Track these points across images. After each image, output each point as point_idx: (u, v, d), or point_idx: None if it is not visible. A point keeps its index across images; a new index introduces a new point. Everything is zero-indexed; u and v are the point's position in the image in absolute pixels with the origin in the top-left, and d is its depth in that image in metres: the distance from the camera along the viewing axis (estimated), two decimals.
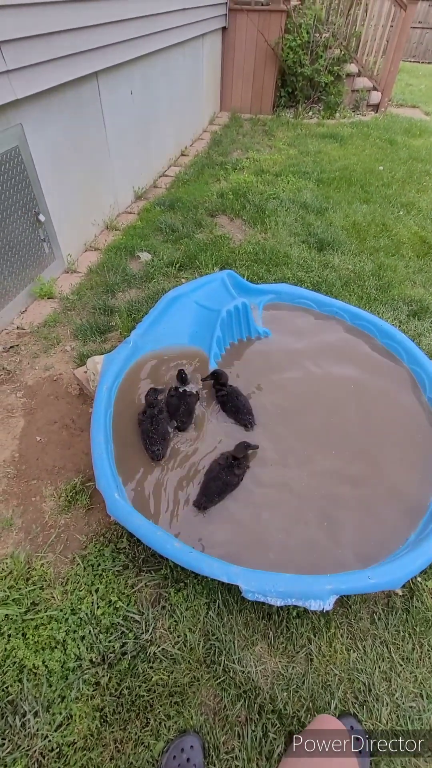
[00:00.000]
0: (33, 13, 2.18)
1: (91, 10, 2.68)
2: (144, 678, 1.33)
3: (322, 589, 1.25)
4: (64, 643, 1.38)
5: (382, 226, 3.71)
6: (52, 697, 1.28)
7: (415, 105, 7.47)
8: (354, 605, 1.50)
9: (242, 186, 4.18)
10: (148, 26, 3.52)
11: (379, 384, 2.15)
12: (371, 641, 1.43)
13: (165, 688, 1.31)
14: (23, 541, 1.65)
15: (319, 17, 5.65)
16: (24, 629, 1.40)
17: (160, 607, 1.48)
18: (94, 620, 1.43)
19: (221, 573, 1.29)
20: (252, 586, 1.26)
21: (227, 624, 1.44)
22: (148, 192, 4.20)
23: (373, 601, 1.52)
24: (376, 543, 1.55)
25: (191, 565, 1.33)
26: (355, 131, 5.76)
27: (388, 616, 1.48)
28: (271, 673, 1.36)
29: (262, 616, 1.47)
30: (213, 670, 1.35)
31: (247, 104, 6.35)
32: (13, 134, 2.31)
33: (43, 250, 2.79)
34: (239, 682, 1.33)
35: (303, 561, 1.49)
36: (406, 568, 1.34)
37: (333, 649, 1.41)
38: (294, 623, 1.45)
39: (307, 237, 3.50)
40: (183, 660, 1.36)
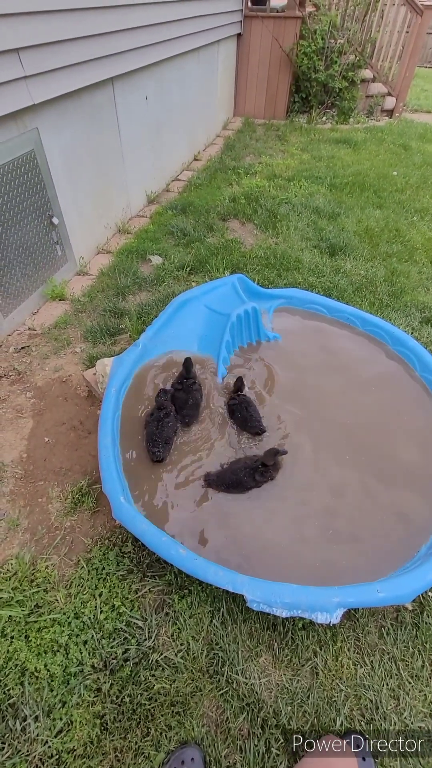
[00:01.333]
0: (50, 20, 2.21)
1: (107, 17, 2.71)
2: (146, 686, 1.31)
3: (329, 602, 1.22)
4: (66, 647, 1.37)
5: (396, 231, 3.67)
6: (53, 702, 1.27)
7: (430, 110, 7.41)
8: (362, 618, 1.46)
9: (254, 190, 4.18)
10: (164, 33, 3.55)
11: (390, 391, 2.11)
12: (379, 657, 1.39)
13: (167, 697, 1.29)
14: (29, 542, 1.65)
15: (334, 23, 5.65)
16: (27, 632, 1.40)
17: (163, 613, 1.46)
18: (97, 625, 1.42)
19: (226, 581, 1.27)
20: (257, 596, 1.23)
21: (231, 634, 1.41)
22: (161, 196, 4.23)
23: (381, 614, 1.49)
24: (385, 555, 1.51)
25: (196, 572, 1.31)
26: (369, 136, 5.73)
27: (396, 631, 1.44)
28: (276, 686, 1.33)
29: (267, 626, 1.44)
30: (216, 680, 1.33)
31: (260, 109, 6.37)
32: (29, 138, 2.34)
33: (56, 252, 2.82)
34: (242, 694, 1.30)
35: (309, 570, 1.46)
36: (417, 583, 1.30)
37: (339, 663, 1.37)
38: (299, 635, 1.41)
39: (319, 242, 3.47)
40: (185, 669, 1.34)
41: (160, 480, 1.72)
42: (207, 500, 1.67)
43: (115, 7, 2.77)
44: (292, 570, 1.45)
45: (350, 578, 1.41)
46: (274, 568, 1.45)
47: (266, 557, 1.50)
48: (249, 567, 1.44)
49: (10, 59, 2.03)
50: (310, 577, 1.43)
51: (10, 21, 1.97)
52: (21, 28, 2.03)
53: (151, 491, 1.68)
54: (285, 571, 1.45)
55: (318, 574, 1.45)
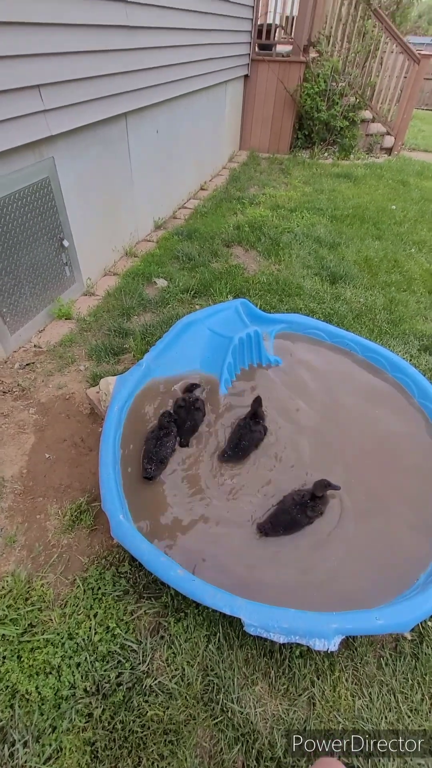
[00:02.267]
0: (70, 60, 2.37)
1: (124, 58, 2.90)
2: (138, 712, 1.27)
3: (327, 628, 1.21)
4: (59, 669, 1.34)
5: (394, 262, 3.79)
6: (43, 726, 1.24)
7: (427, 149, 7.77)
8: (360, 648, 1.44)
9: (258, 220, 4.34)
10: (176, 73, 3.78)
11: (389, 418, 2.14)
12: (377, 688, 1.36)
13: (160, 725, 1.25)
14: (25, 560, 1.64)
15: (336, 68, 6.00)
16: (20, 651, 1.37)
17: (158, 636, 1.43)
18: (91, 647, 1.39)
19: (223, 604, 1.26)
20: (254, 620, 1.22)
21: (227, 659, 1.39)
22: (168, 222, 4.38)
23: (380, 644, 1.46)
24: (384, 581, 1.50)
25: (193, 593, 1.30)
26: (369, 172, 5.98)
27: (395, 662, 1.42)
28: (271, 717, 1.30)
29: (264, 653, 1.41)
30: (210, 708, 1.29)
31: (265, 144, 6.68)
32: (44, 166, 2.46)
33: (65, 273, 2.90)
34: (237, 724, 1.27)
35: (307, 595, 1.45)
36: (416, 611, 1.29)
37: (337, 694, 1.34)
38: (296, 663, 1.39)
39: (320, 270, 3.58)
40: (180, 696, 1.31)
41: (160, 499, 1.72)
42: (207, 522, 1.67)
43: (132, 50, 2.97)
44: (289, 594, 1.44)
45: (348, 605, 1.40)
46: (272, 593, 1.44)
47: (265, 580, 1.49)
48: (247, 590, 1.43)
49: (31, 94, 2.17)
50: (308, 602, 1.41)
51: (33, 60, 2.11)
52: (43, 67, 2.18)
53: (151, 511, 1.68)
54: (283, 595, 1.44)
55: (316, 599, 1.44)
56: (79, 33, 2.39)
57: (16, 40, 1.99)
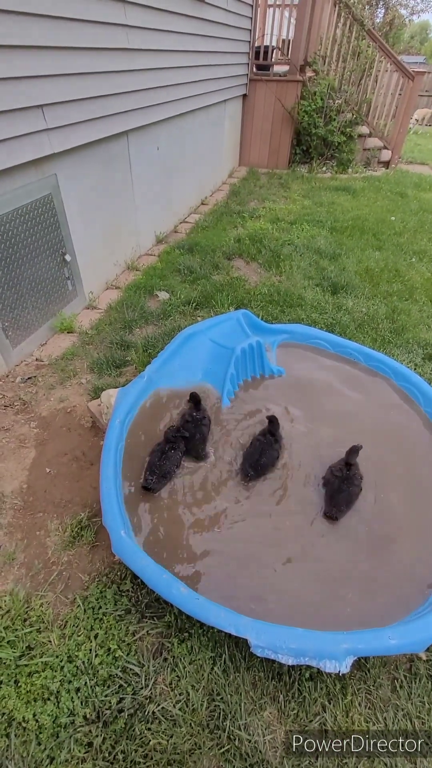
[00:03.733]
0: (72, 81, 2.43)
1: (125, 79, 2.97)
2: (141, 741, 1.21)
3: (338, 649, 1.15)
4: (57, 694, 1.28)
5: (395, 271, 3.79)
6: (41, 757, 1.17)
7: (424, 162, 7.88)
8: (372, 669, 1.37)
9: (258, 233, 4.37)
10: (176, 93, 3.87)
11: (395, 426, 2.10)
12: (393, 713, 1.29)
13: (163, 755, 1.19)
14: (24, 578, 1.59)
15: (333, 86, 6.15)
16: (17, 676, 1.32)
17: (161, 659, 1.37)
18: (91, 670, 1.34)
19: (229, 624, 1.21)
20: (262, 641, 1.17)
21: (234, 683, 1.32)
22: (169, 236, 4.43)
23: (393, 665, 1.39)
24: (395, 597, 1.44)
25: (197, 613, 1.25)
26: (367, 185, 6.06)
27: (411, 684, 1.35)
28: (281, 745, 1.22)
29: (272, 675, 1.35)
30: (216, 736, 1.23)
31: (264, 160, 6.80)
32: (47, 183, 2.50)
33: (67, 287, 2.92)
34: (245, 753, 1.20)
35: (316, 613, 1.39)
36: (431, 629, 1.23)
37: (350, 719, 1.27)
38: (306, 686, 1.32)
39: (321, 280, 3.59)
40: (184, 722, 1.25)
41: (163, 515, 1.68)
42: (212, 538, 1.62)
43: (132, 71, 3.04)
44: (299, 613, 1.39)
45: (359, 623, 1.34)
46: (280, 611, 1.38)
47: (272, 598, 1.43)
48: (254, 608, 1.38)
49: (34, 114, 2.21)
50: (318, 620, 1.36)
51: (36, 81, 2.16)
52: (45, 88, 2.23)
53: (154, 526, 1.64)
54: (292, 613, 1.38)
55: (326, 617, 1.38)
56: (81, 55, 2.46)
57: (20, 63, 2.04)
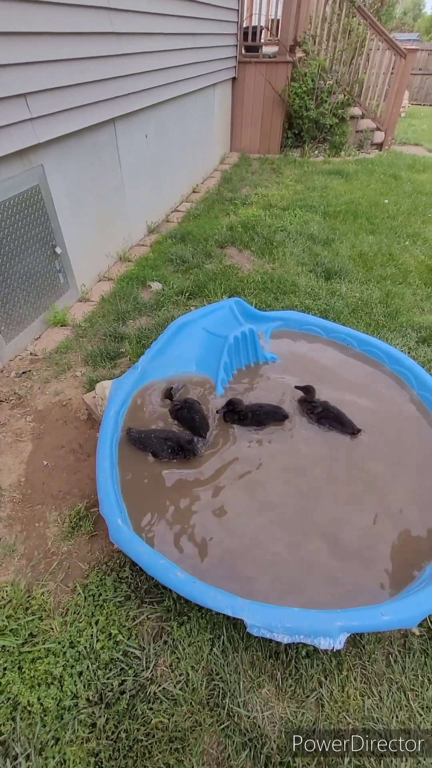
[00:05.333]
0: (55, 68, 2.38)
1: (110, 64, 2.91)
2: (143, 720, 1.25)
3: (332, 626, 1.18)
4: (60, 679, 1.32)
5: (389, 255, 3.77)
6: (46, 738, 1.21)
7: (418, 143, 7.77)
8: (368, 645, 1.40)
9: (251, 220, 4.33)
10: (163, 78, 3.79)
11: (389, 410, 2.11)
12: (387, 686, 1.33)
13: (165, 733, 1.22)
14: (25, 568, 1.62)
15: (323, 67, 6.02)
16: (20, 662, 1.35)
17: (161, 642, 1.41)
18: (93, 655, 1.37)
19: (225, 606, 1.23)
20: (257, 621, 1.20)
21: (232, 663, 1.36)
22: (161, 226, 4.38)
23: (388, 641, 1.43)
24: (388, 574, 1.47)
25: (194, 596, 1.27)
26: (360, 168, 5.98)
27: (405, 659, 1.38)
28: (279, 720, 1.26)
29: (270, 654, 1.38)
30: (216, 713, 1.27)
31: (255, 145, 6.69)
32: (34, 174, 2.46)
33: (59, 280, 2.90)
34: (244, 729, 1.24)
35: (312, 592, 1.42)
36: (423, 605, 1.26)
37: (346, 694, 1.31)
38: (303, 664, 1.36)
39: (315, 266, 3.57)
40: (185, 701, 1.28)
41: (159, 502, 1.70)
42: (208, 521, 1.64)
43: (117, 56, 2.98)
44: (294, 591, 1.41)
45: (353, 600, 1.37)
46: (276, 590, 1.41)
47: (269, 578, 1.46)
48: (251, 589, 1.40)
49: (17, 103, 2.17)
50: (313, 598, 1.39)
51: (19, 69, 2.12)
52: (28, 76, 2.19)
53: (150, 514, 1.66)
54: (287, 592, 1.41)
55: (321, 596, 1.41)
56: (63, 41, 2.40)
57: (1, 50, 1.99)
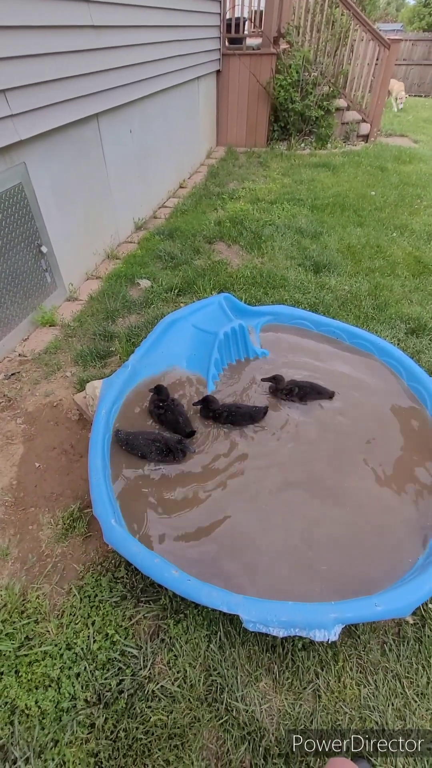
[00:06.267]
0: (35, 63, 2.33)
1: (91, 58, 2.86)
2: (142, 719, 1.25)
3: (326, 618, 1.19)
4: (58, 681, 1.31)
5: (377, 247, 3.78)
6: (45, 741, 1.21)
7: (403, 134, 7.78)
8: (362, 635, 1.42)
9: (239, 214, 4.31)
10: (146, 72, 3.74)
11: (379, 402, 2.13)
12: (383, 675, 1.35)
13: (164, 730, 1.23)
14: (19, 572, 1.60)
15: (308, 58, 5.99)
16: (17, 666, 1.34)
17: (159, 640, 1.41)
18: (90, 656, 1.37)
19: (220, 602, 1.24)
20: (253, 616, 1.20)
21: (229, 658, 1.37)
22: (148, 222, 4.34)
23: (382, 630, 1.45)
24: (381, 566, 1.48)
25: (189, 593, 1.28)
26: (347, 160, 5.98)
27: (399, 647, 1.40)
28: (277, 712, 1.28)
29: (266, 648, 1.39)
30: (215, 709, 1.27)
31: (242, 138, 6.65)
32: (16, 172, 2.42)
33: (45, 279, 2.86)
34: (243, 723, 1.25)
35: (304, 586, 1.43)
36: (416, 594, 1.27)
37: (342, 684, 1.33)
38: (299, 656, 1.37)
39: (303, 260, 3.57)
40: (183, 698, 1.29)
41: (152, 501, 1.70)
42: (202, 519, 1.64)
43: (98, 50, 2.92)
44: (289, 584, 1.43)
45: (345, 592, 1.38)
46: (269, 586, 1.42)
47: (262, 573, 1.47)
48: (244, 586, 1.41)
49: None
50: (307, 592, 1.40)
51: None
52: (7, 71, 2.14)
53: (144, 513, 1.65)
54: (281, 587, 1.42)
55: (314, 588, 1.42)
56: (42, 35, 2.35)
57: None
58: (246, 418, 2.00)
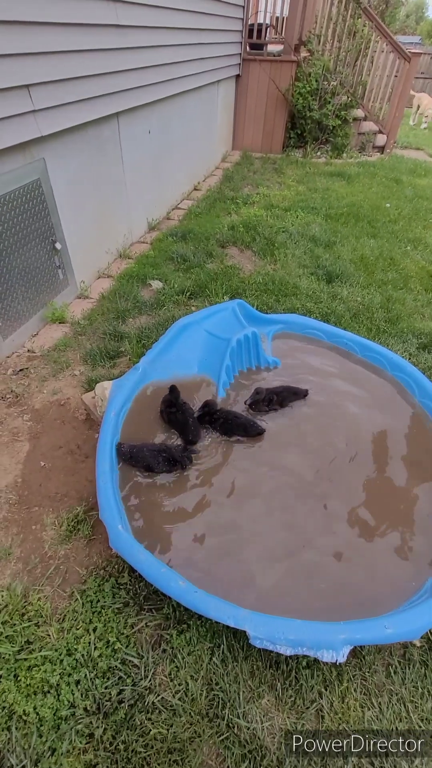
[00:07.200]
0: (60, 59, 2.33)
1: (115, 57, 2.86)
2: (141, 731, 1.23)
3: (335, 639, 1.17)
4: (57, 687, 1.29)
5: (390, 260, 3.77)
6: (42, 749, 1.18)
7: (419, 147, 7.78)
8: (368, 656, 1.40)
9: (252, 219, 4.30)
10: (168, 73, 3.74)
11: (390, 416, 2.11)
12: (387, 698, 1.32)
13: (164, 744, 1.21)
14: (21, 573, 1.58)
15: (328, 67, 5.99)
16: (16, 670, 1.32)
17: (160, 650, 1.39)
18: (91, 663, 1.34)
19: (227, 616, 1.22)
20: (260, 633, 1.18)
21: (232, 672, 1.34)
22: (161, 223, 4.33)
23: (388, 651, 1.42)
24: (390, 586, 1.46)
25: (196, 606, 1.26)
26: (362, 170, 5.97)
27: (405, 670, 1.38)
28: (279, 731, 1.25)
29: (270, 664, 1.37)
30: (216, 724, 1.25)
31: (258, 144, 6.65)
32: (35, 168, 2.41)
33: (58, 276, 2.85)
34: (244, 740, 1.22)
35: (312, 604, 1.41)
36: (426, 617, 1.25)
37: (346, 705, 1.30)
38: (303, 674, 1.35)
39: (316, 269, 3.55)
40: (184, 712, 1.26)
41: (160, 507, 1.68)
42: (209, 529, 1.62)
43: (122, 49, 2.92)
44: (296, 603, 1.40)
45: (355, 612, 1.36)
46: (277, 602, 1.40)
47: (269, 589, 1.45)
48: (251, 598, 1.39)
49: (20, 94, 2.12)
50: (315, 610, 1.37)
51: (22, 60, 2.06)
52: (32, 66, 2.13)
53: (151, 519, 1.63)
54: (290, 603, 1.40)
55: (322, 607, 1.40)
56: (68, 32, 2.35)
57: (4, 39, 1.94)
58: (239, 430, 1.95)
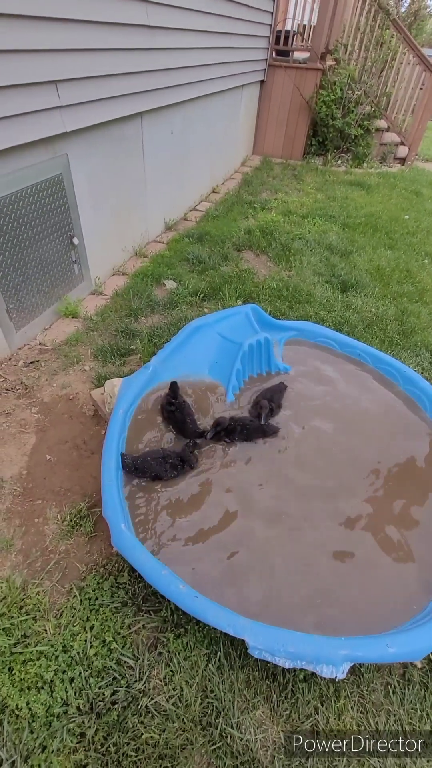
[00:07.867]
0: (87, 57, 2.34)
1: (141, 57, 2.88)
2: (133, 734, 1.21)
3: (336, 654, 1.15)
4: (51, 684, 1.28)
5: (406, 272, 3.74)
6: (33, 746, 1.18)
7: None
8: (367, 674, 1.37)
9: (269, 225, 4.29)
10: (193, 75, 3.76)
11: (399, 431, 2.08)
12: (384, 718, 1.30)
13: (155, 749, 1.19)
14: (21, 565, 1.58)
15: (353, 77, 5.98)
16: (11, 663, 1.32)
17: (156, 653, 1.37)
18: (86, 661, 1.33)
19: (227, 624, 1.20)
20: (259, 643, 1.16)
21: (227, 681, 1.33)
22: (178, 224, 4.34)
23: (387, 670, 1.40)
24: (393, 605, 1.43)
25: (195, 611, 1.24)
26: (382, 181, 5.94)
27: (404, 690, 1.35)
28: (272, 744, 1.23)
29: (266, 675, 1.35)
30: (209, 733, 1.23)
31: (278, 149, 6.65)
32: (58, 163, 2.43)
33: (73, 271, 2.87)
34: (236, 751, 1.20)
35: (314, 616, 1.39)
36: (429, 638, 1.22)
37: (342, 723, 1.28)
38: (300, 687, 1.32)
39: (331, 277, 3.53)
40: (177, 718, 1.25)
41: (164, 508, 1.67)
42: (213, 533, 1.61)
43: (151, 49, 2.94)
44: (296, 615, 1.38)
45: (356, 628, 1.34)
46: (279, 612, 1.38)
47: (271, 598, 1.43)
48: (251, 607, 1.37)
49: (47, 89, 2.14)
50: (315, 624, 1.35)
51: (51, 55, 2.08)
52: (60, 63, 2.15)
53: (154, 520, 1.62)
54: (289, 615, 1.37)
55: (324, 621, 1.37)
56: (100, 30, 2.37)
57: (34, 35, 1.96)
58: (258, 432, 1.96)
